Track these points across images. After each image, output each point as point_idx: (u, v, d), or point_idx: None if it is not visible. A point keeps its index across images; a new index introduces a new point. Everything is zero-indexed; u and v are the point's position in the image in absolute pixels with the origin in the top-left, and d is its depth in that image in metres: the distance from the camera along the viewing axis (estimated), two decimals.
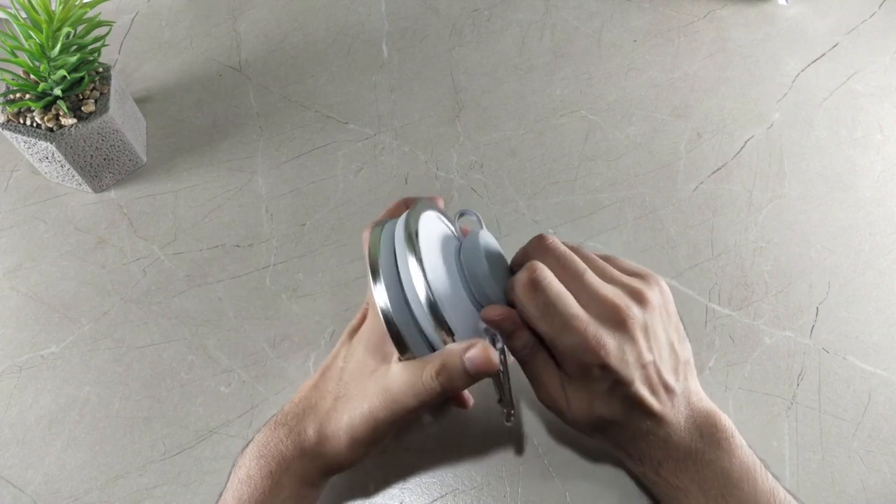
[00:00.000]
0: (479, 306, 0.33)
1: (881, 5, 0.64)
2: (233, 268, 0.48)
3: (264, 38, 0.63)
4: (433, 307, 0.30)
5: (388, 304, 0.31)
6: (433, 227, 0.34)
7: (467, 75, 0.59)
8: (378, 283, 0.31)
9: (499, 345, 0.33)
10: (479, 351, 0.30)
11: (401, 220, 0.33)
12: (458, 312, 0.32)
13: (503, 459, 0.40)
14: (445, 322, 0.30)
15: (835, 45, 0.61)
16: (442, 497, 0.39)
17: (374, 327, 0.35)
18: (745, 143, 0.54)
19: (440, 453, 0.40)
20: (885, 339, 0.44)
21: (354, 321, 0.38)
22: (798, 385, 0.43)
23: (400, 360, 0.32)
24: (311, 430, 0.34)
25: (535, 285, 0.31)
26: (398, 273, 0.32)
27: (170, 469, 0.40)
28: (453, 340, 0.31)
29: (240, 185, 0.53)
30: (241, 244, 0.50)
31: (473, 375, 0.30)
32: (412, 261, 0.31)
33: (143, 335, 0.45)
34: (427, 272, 0.31)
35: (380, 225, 0.35)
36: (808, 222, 0.50)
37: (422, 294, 0.30)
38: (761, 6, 0.64)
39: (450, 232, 0.37)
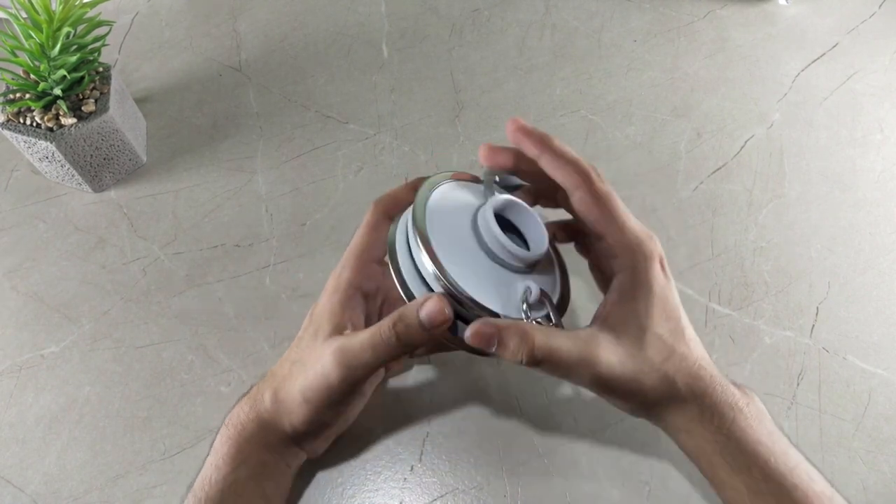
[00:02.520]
0: (507, 263, 0.33)
1: (881, 5, 0.64)
2: (233, 268, 0.48)
3: (264, 38, 0.63)
4: (444, 283, 0.31)
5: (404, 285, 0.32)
6: (453, 197, 0.34)
7: (467, 75, 0.59)
8: (395, 269, 0.33)
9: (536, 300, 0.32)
10: (432, 303, 0.30)
11: (409, 209, 0.34)
12: (481, 278, 0.32)
13: (503, 459, 0.40)
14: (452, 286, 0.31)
15: (835, 45, 0.61)
16: (442, 497, 0.39)
17: (330, 298, 0.36)
18: (745, 142, 0.54)
19: (440, 453, 0.40)
20: (885, 339, 0.44)
21: (323, 294, 0.38)
22: (798, 385, 0.43)
23: None
24: (268, 395, 0.35)
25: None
26: (412, 260, 0.32)
27: (170, 469, 0.40)
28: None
29: (240, 185, 0.53)
30: (241, 244, 0.50)
31: (428, 327, 0.31)
32: (418, 251, 0.31)
33: (143, 335, 0.45)
34: (437, 251, 0.31)
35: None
36: (808, 222, 0.50)
37: (429, 272, 0.31)
38: (761, 6, 0.64)
39: (474, 200, 0.36)
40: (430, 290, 0.32)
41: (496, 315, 0.31)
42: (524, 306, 0.31)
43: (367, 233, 0.36)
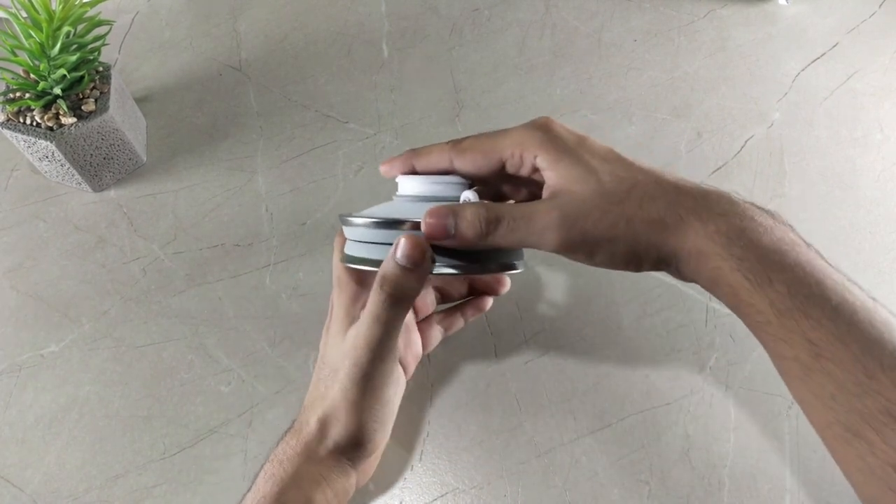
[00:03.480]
0: (438, 196, 0.35)
1: (881, 5, 0.64)
2: (233, 267, 0.48)
3: (264, 37, 0.63)
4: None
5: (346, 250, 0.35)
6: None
7: (467, 75, 0.59)
8: (360, 260, 0.34)
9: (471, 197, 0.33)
10: (404, 242, 0.30)
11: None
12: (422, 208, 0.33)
13: (503, 459, 0.40)
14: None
15: (835, 45, 0.61)
16: (442, 497, 0.39)
17: (337, 303, 0.36)
18: (746, 142, 0.54)
19: (440, 453, 0.40)
20: None
21: (327, 320, 0.39)
22: None
23: None
24: (312, 419, 0.34)
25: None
26: (368, 243, 0.34)
27: (169, 468, 0.40)
28: None
29: (240, 185, 0.53)
30: (241, 243, 0.49)
31: (413, 267, 0.31)
32: (365, 227, 0.33)
33: (143, 334, 0.45)
34: (366, 213, 0.33)
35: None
36: (808, 222, 0.50)
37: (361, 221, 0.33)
38: (761, 6, 0.64)
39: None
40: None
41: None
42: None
43: None
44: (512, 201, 0.37)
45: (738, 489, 0.39)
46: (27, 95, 0.47)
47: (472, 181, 0.35)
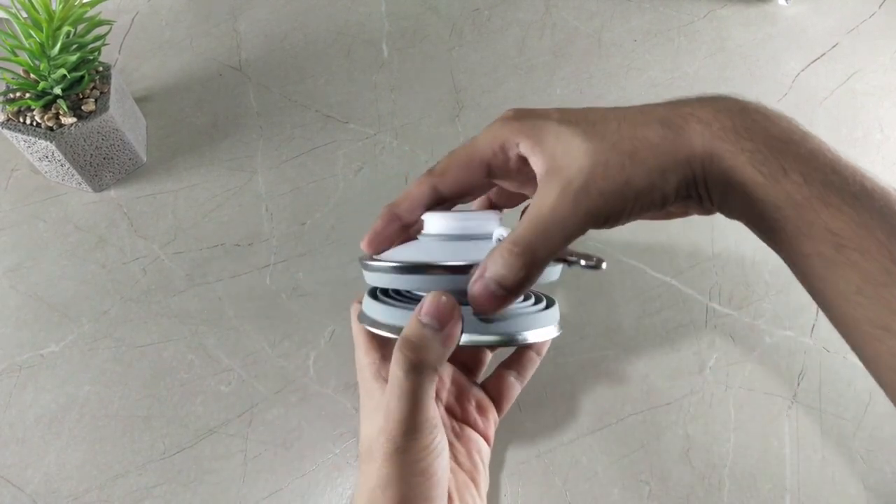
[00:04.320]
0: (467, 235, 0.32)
1: (881, 5, 0.64)
2: (233, 267, 0.48)
3: (264, 37, 0.63)
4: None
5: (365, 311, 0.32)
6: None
7: (467, 75, 0.59)
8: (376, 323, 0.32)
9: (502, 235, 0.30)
10: (430, 299, 0.28)
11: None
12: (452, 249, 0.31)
13: (503, 459, 0.40)
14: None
15: (835, 45, 0.61)
16: None
17: (360, 367, 0.35)
18: None
19: None
20: None
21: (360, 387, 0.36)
22: (799, 384, 0.43)
23: None
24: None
25: None
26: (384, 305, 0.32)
27: (169, 468, 0.40)
28: None
29: (240, 185, 0.53)
30: (241, 243, 0.49)
31: (438, 326, 0.28)
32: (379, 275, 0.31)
33: (143, 334, 0.45)
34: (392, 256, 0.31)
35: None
36: None
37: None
38: (761, 6, 0.64)
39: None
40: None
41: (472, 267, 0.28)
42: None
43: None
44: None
45: (738, 489, 0.39)
46: (27, 95, 0.47)
47: (498, 209, 0.33)
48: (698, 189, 0.27)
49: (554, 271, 0.32)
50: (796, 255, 0.26)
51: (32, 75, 0.47)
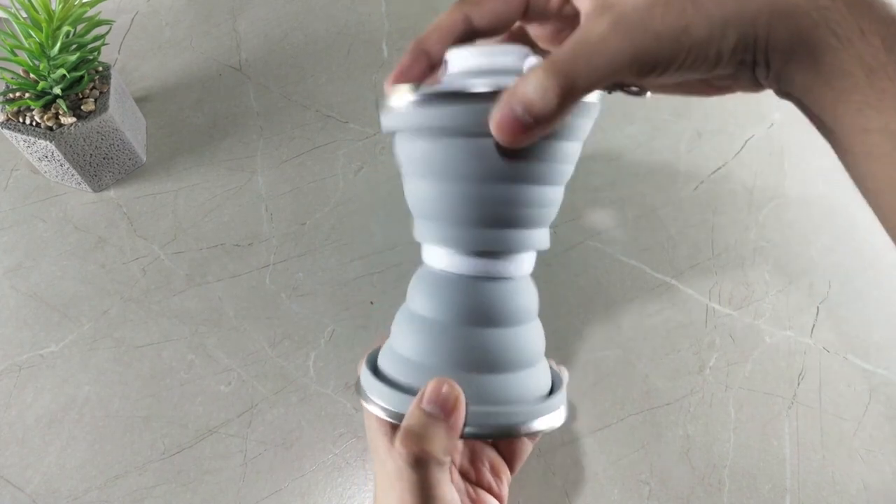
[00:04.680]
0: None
1: None
2: (232, 267, 0.48)
3: (264, 37, 0.63)
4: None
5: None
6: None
7: None
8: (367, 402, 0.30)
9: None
10: (432, 385, 0.26)
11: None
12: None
13: None
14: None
15: None
16: None
17: (372, 447, 0.32)
18: (746, 142, 0.54)
19: None
20: (885, 339, 0.44)
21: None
22: (799, 384, 0.42)
23: None
24: None
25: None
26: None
27: (169, 468, 0.40)
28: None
29: (240, 185, 0.53)
30: (241, 243, 0.49)
31: (446, 417, 0.25)
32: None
33: (143, 334, 0.45)
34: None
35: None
36: (808, 222, 0.50)
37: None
38: None
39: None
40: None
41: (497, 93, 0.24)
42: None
43: None
44: None
45: (738, 489, 0.39)
46: (27, 95, 0.47)
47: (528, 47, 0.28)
48: (757, 53, 0.24)
49: (588, 109, 0.28)
50: (856, 133, 0.23)
51: (32, 75, 0.47)
